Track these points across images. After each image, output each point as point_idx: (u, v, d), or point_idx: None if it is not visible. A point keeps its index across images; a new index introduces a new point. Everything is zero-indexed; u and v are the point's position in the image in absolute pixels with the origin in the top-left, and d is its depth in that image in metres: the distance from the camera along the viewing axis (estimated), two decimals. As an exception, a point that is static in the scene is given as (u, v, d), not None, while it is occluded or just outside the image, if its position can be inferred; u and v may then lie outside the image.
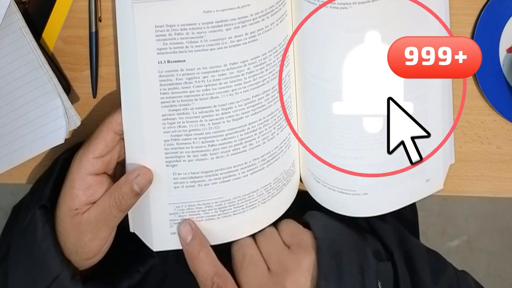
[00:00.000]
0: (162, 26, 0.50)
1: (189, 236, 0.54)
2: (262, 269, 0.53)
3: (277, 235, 0.56)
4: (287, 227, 0.57)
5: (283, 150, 0.57)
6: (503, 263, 1.52)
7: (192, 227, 0.54)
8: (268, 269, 0.53)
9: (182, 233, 0.54)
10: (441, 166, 0.59)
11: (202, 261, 0.53)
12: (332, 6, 0.51)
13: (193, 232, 0.54)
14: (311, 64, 0.55)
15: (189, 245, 0.54)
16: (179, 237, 0.54)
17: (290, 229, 0.56)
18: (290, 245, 0.55)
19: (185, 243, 0.54)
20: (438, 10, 0.55)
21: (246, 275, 0.53)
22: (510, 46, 0.59)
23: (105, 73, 0.59)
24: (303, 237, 0.55)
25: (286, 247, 0.55)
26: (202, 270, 0.53)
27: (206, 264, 0.53)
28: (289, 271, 0.53)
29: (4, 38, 0.54)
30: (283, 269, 0.53)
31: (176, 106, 0.52)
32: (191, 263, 0.53)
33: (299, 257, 0.53)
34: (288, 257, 0.54)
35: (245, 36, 0.52)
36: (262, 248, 0.55)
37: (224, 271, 0.53)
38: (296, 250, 0.54)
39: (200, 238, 0.54)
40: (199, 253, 0.53)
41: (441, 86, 0.57)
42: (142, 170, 0.53)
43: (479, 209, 1.54)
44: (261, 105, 0.54)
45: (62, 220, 0.53)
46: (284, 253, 0.54)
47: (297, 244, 0.55)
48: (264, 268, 0.53)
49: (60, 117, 0.56)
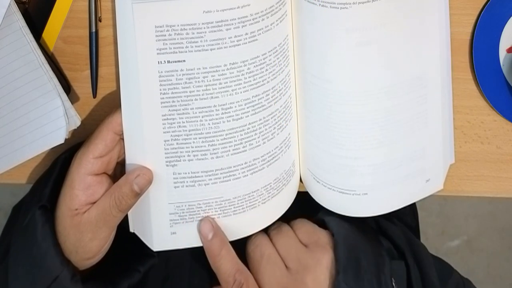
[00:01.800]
0: (162, 26, 0.50)
1: (210, 234, 0.54)
2: (281, 268, 0.54)
3: (293, 234, 0.56)
4: (302, 226, 0.57)
5: (283, 150, 0.57)
6: (503, 263, 1.52)
7: (213, 224, 0.54)
8: (286, 268, 0.54)
9: (203, 230, 0.54)
10: (441, 166, 0.59)
11: (224, 258, 0.53)
12: (332, 6, 0.51)
13: (214, 229, 0.54)
14: (311, 64, 0.55)
15: (211, 243, 0.54)
16: (200, 234, 0.54)
17: (305, 228, 0.57)
18: (308, 244, 0.55)
19: (206, 241, 0.54)
20: (438, 10, 0.55)
21: (266, 274, 0.54)
22: (510, 46, 0.59)
23: (105, 73, 0.59)
24: (320, 236, 0.56)
25: (303, 245, 0.55)
26: (223, 267, 0.53)
27: (228, 262, 0.53)
28: (309, 268, 0.53)
29: (4, 38, 0.54)
30: (303, 267, 0.53)
31: (176, 106, 0.52)
32: (213, 260, 0.53)
33: (318, 255, 0.54)
34: (307, 255, 0.54)
35: (245, 36, 0.52)
36: (280, 247, 0.55)
37: (245, 269, 0.54)
38: (314, 248, 0.55)
39: (221, 235, 0.54)
40: (221, 251, 0.53)
41: (441, 86, 0.57)
42: (142, 170, 0.53)
43: (479, 209, 1.54)
44: (261, 105, 0.54)
45: (62, 220, 0.53)
46: (303, 251, 0.55)
47: (314, 243, 0.55)
48: (283, 267, 0.54)
49: (60, 117, 0.56)
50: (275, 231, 0.57)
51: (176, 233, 0.55)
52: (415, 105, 0.55)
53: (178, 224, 0.55)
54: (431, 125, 0.57)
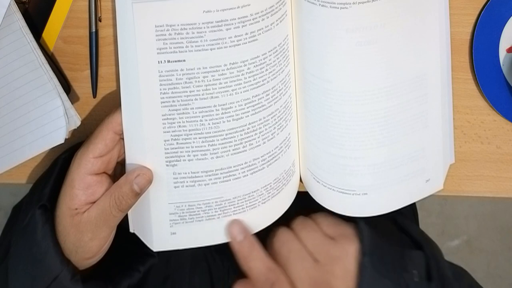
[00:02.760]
0: (162, 26, 0.50)
1: (240, 236, 0.54)
2: (310, 262, 0.54)
3: (318, 228, 0.57)
4: (325, 220, 0.58)
5: (283, 150, 0.57)
6: (503, 263, 1.52)
7: (242, 226, 0.55)
8: (315, 261, 0.54)
9: (233, 232, 0.55)
10: (441, 166, 0.59)
11: (255, 258, 0.54)
12: (332, 6, 0.51)
13: (243, 231, 0.55)
14: (311, 64, 0.55)
15: (241, 245, 0.54)
16: (229, 236, 0.55)
17: (329, 221, 0.58)
18: (334, 236, 0.56)
19: (236, 242, 0.54)
20: (438, 10, 0.55)
21: (296, 269, 0.54)
22: (510, 46, 0.59)
23: (105, 73, 0.59)
24: (344, 228, 0.57)
25: (329, 238, 0.56)
26: (255, 267, 0.53)
27: (259, 261, 0.54)
28: (337, 259, 0.54)
29: (4, 38, 0.54)
30: (331, 258, 0.54)
31: (176, 106, 0.52)
32: (244, 261, 0.54)
33: (345, 246, 0.55)
34: (334, 247, 0.55)
35: (245, 36, 0.52)
36: (306, 241, 0.56)
37: (275, 266, 0.54)
38: (341, 240, 0.55)
39: (250, 236, 0.55)
40: (252, 252, 0.54)
41: (441, 86, 0.57)
42: (142, 170, 0.53)
43: (479, 209, 1.54)
44: (261, 105, 0.54)
45: (62, 220, 0.53)
46: (330, 244, 0.55)
47: (340, 235, 0.56)
48: (312, 261, 0.54)
49: (60, 117, 0.56)
50: (299, 226, 0.57)
51: (176, 233, 0.55)
52: (415, 105, 0.55)
53: (178, 225, 0.55)
54: (431, 125, 0.57)
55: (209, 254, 0.66)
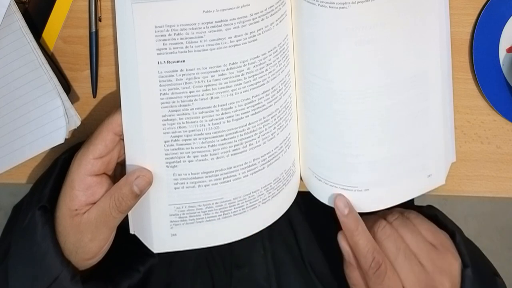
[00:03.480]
0: (161, 26, 0.50)
1: (346, 209, 0.54)
2: (418, 265, 0.54)
3: (418, 231, 0.56)
4: (423, 223, 0.57)
5: (283, 150, 0.57)
6: (503, 263, 1.52)
7: (347, 200, 0.55)
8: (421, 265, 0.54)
9: (339, 206, 0.55)
10: (442, 161, 0.59)
11: (361, 234, 0.53)
12: (331, 6, 0.51)
13: (349, 206, 0.55)
14: (311, 64, 0.55)
15: (347, 218, 0.54)
16: (336, 209, 0.55)
17: (427, 226, 0.57)
18: (435, 244, 0.56)
19: (343, 216, 0.54)
20: (438, 9, 0.55)
21: (405, 269, 0.53)
22: (510, 46, 0.59)
23: (105, 73, 0.59)
24: (443, 237, 0.57)
25: (432, 246, 0.56)
26: (362, 243, 0.53)
27: (365, 239, 0.53)
28: (445, 271, 0.54)
29: (4, 38, 0.54)
30: (439, 269, 0.54)
31: (176, 107, 0.52)
32: (351, 235, 0.54)
33: (449, 259, 0.55)
34: (439, 258, 0.55)
35: (245, 36, 0.51)
36: (409, 242, 0.55)
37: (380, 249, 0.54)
38: (444, 251, 0.55)
39: (355, 212, 0.55)
40: (358, 227, 0.54)
41: (441, 83, 0.57)
42: (142, 172, 0.53)
43: (479, 209, 1.54)
44: (261, 105, 0.54)
45: (62, 221, 0.53)
46: (434, 252, 0.55)
47: (441, 245, 0.56)
48: (419, 264, 0.54)
49: (60, 117, 0.56)
50: (398, 222, 0.56)
51: (176, 234, 0.55)
52: (415, 103, 0.55)
53: (179, 226, 0.55)
54: (432, 122, 0.57)
55: (211, 259, 0.66)
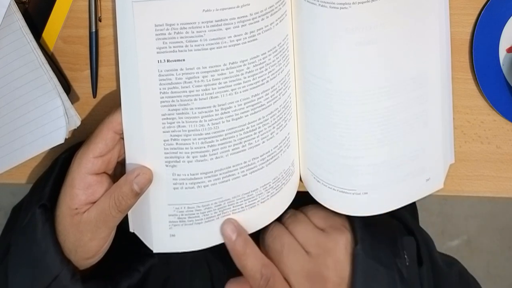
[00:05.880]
0: (161, 25, 0.50)
1: (233, 235, 0.55)
2: (303, 254, 0.55)
3: (309, 221, 0.58)
4: (316, 212, 0.59)
5: (283, 150, 0.57)
6: (503, 263, 1.52)
7: (235, 225, 0.55)
8: (307, 253, 0.55)
9: (226, 232, 0.55)
10: (441, 165, 0.59)
11: (249, 256, 0.54)
12: (332, 6, 0.51)
13: (237, 230, 0.55)
14: (311, 64, 0.55)
15: (235, 243, 0.54)
16: (223, 236, 0.55)
17: (320, 214, 0.58)
18: (324, 228, 0.57)
19: (230, 242, 0.55)
20: (438, 10, 0.55)
21: (289, 263, 0.55)
22: (510, 46, 0.59)
23: (105, 73, 0.59)
24: (335, 219, 0.58)
25: (320, 230, 0.57)
26: (250, 264, 0.54)
27: (253, 258, 0.54)
28: (329, 251, 0.55)
29: (4, 38, 0.54)
30: (323, 250, 0.55)
31: (176, 106, 0.52)
32: (238, 259, 0.54)
33: (335, 237, 0.56)
34: (325, 239, 0.56)
35: (245, 36, 0.51)
36: (297, 234, 0.56)
37: (269, 262, 0.55)
38: (331, 231, 0.56)
39: (244, 234, 0.55)
40: (246, 250, 0.54)
41: (441, 85, 0.57)
42: (142, 170, 0.53)
43: (479, 209, 1.54)
44: (260, 104, 0.54)
45: (62, 220, 0.53)
46: (321, 236, 0.56)
47: (330, 226, 0.57)
48: (304, 253, 0.55)
49: (60, 117, 0.56)
50: (290, 220, 0.58)
51: (175, 235, 0.55)
52: (415, 105, 0.55)
53: (177, 227, 0.55)
54: (431, 125, 0.57)
55: (209, 255, 0.66)
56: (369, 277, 0.54)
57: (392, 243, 0.57)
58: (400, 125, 0.55)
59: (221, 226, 0.55)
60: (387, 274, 0.54)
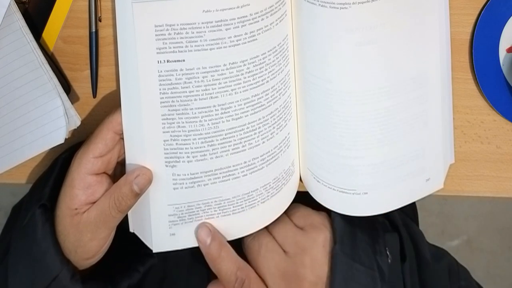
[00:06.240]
0: (161, 25, 0.50)
1: (208, 239, 0.54)
2: (280, 254, 0.55)
3: (289, 220, 0.58)
4: (297, 211, 0.59)
5: (283, 150, 0.57)
6: (503, 263, 1.52)
7: (210, 229, 0.55)
8: (285, 253, 0.55)
9: (201, 236, 0.55)
10: (441, 165, 0.59)
11: (224, 259, 0.54)
12: (332, 6, 0.51)
13: (212, 233, 0.55)
14: (311, 64, 0.55)
15: (210, 248, 0.54)
16: (198, 241, 0.55)
17: (300, 212, 0.58)
18: (303, 227, 0.57)
19: (205, 246, 0.54)
20: (438, 10, 0.55)
21: (266, 263, 0.55)
22: (510, 46, 0.59)
23: (105, 73, 0.59)
24: (314, 218, 0.58)
25: (299, 229, 0.57)
26: (224, 268, 0.54)
27: (228, 262, 0.54)
28: (306, 249, 0.55)
29: (4, 38, 0.54)
30: (300, 249, 0.55)
31: (176, 106, 0.52)
32: (213, 263, 0.54)
33: (313, 235, 0.56)
34: (303, 238, 0.56)
35: (245, 36, 0.52)
36: (276, 234, 0.57)
37: (244, 264, 0.55)
38: (309, 230, 0.56)
39: (219, 238, 0.55)
40: (220, 253, 0.54)
41: (441, 85, 0.57)
42: (141, 170, 0.53)
43: (479, 209, 1.54)
44: (260, 104, 0.54)
45: (62, 220, 0.53)
46: (299, 234, 0.56)
47: (310, 225, 0.57)
48: (281, 252, 0.55)
49: (60, 117, 0.56)
50: None
51: (175, 234, 0.55)
52: (415, 105, 0.55)
53: (177, 225, 0.55)
54: (431, 125, 0.57)
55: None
56: (348, 277, 0.54)
57: (373, 241, 0.57)
58: (400, 125, 0.55)
59: (196, 230, 0.55)
60: (367, 273, 0.54)
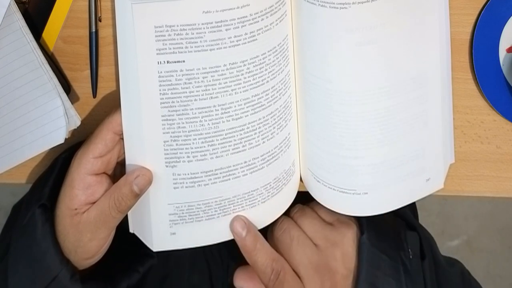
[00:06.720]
0: (161, 26, 0.50)
1: (243, 231, 0.55)
2: (311, 247, 0.56)
3: (316, 215, 0.59)
4: (323, 207, 0.59)
5: (283, 150, 0.57)
6: (503, 263, 1.52)
7: (245, 221, 0.56)
8: (315, 246, 0.56)
9: (236, 229, 0.55)
10: (441, 165, 0.59)
11: (259, 251, 0.54)
12: (332, 6, 0.51)
13: (247, 226, 0.55)
14: (311, 64, 0.55)
15: (245, 240, 0.55)
16: (233, 233, 0.56)
17: (326, 208, 0.59)
18: (331, 222, 0.58)
19: (240, 238, 0.55)
20: (438, 10, 0.55)
21: (298, 255, 0.56)
22: (510, 46, 0.59)
23: (105, 73, 0.59)
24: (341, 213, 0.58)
25: (328, 224, 0.58)
26: (260, 260, 0.54)
27: (263, 254, 0.55)
28: (337, 243, 0.56)
29: (4, 38, 0.54)
30: (331, 243, 0.56)
31: (176, 107, 0.52)
32: (249, 255, 0.55)
33: (343, 230, 0.57)
34: (333, 232, 0.57)
35: (245, 36, 0.52)
36: (306, 228, 0.58)
37: (279, 256, 0.55)
38: (338, 225, 0.58)
39: (253, 230, 0.56)
40: (256, 245, 0.55)
41: (441, 85, 0.57)
42: (141, 171, 0.53)
43: (479, 209, 1.54)
44: (260, 104, 0.54)
45: (62, 220, 0.53)
46: (328, 229, 0.57)
47: (337, 220, 0.58)
48: (313, 246, 0.56)
49: (60, 117, 0.56)
50: (298, 214, 0.59)
51: (175, 233, 0.55)
52: (415, 105, 0.55)
53: (178, 225, 0.55)
54: (431, 125, 0.57)
55: (208, 252, 0.66)
56: (374, 266, 0.55)
57: (396, 237, 0.58)
58: (400, 125, 0.55)
59: (231, 223, 0.56)
60: (391, 265, 0.56)
